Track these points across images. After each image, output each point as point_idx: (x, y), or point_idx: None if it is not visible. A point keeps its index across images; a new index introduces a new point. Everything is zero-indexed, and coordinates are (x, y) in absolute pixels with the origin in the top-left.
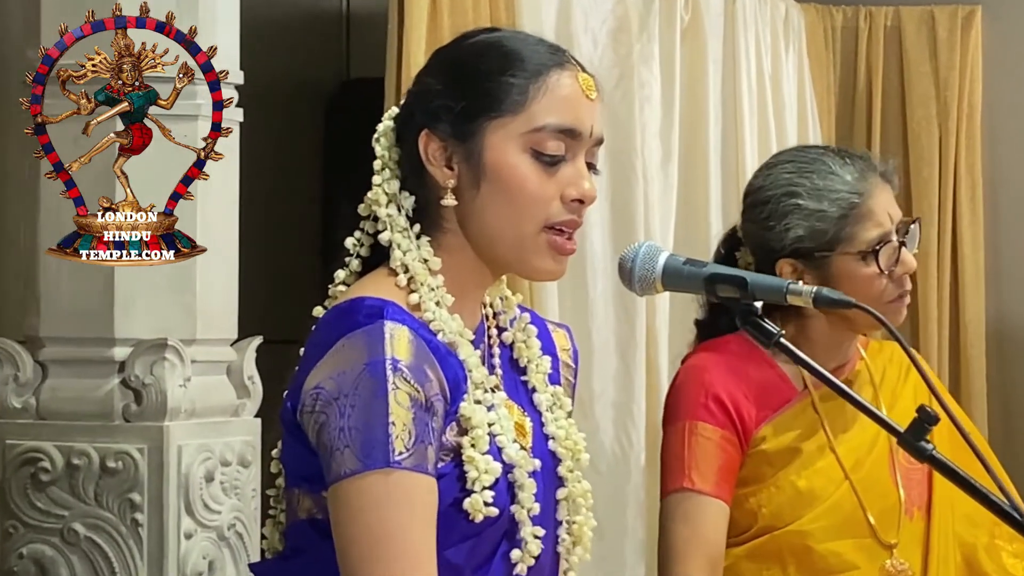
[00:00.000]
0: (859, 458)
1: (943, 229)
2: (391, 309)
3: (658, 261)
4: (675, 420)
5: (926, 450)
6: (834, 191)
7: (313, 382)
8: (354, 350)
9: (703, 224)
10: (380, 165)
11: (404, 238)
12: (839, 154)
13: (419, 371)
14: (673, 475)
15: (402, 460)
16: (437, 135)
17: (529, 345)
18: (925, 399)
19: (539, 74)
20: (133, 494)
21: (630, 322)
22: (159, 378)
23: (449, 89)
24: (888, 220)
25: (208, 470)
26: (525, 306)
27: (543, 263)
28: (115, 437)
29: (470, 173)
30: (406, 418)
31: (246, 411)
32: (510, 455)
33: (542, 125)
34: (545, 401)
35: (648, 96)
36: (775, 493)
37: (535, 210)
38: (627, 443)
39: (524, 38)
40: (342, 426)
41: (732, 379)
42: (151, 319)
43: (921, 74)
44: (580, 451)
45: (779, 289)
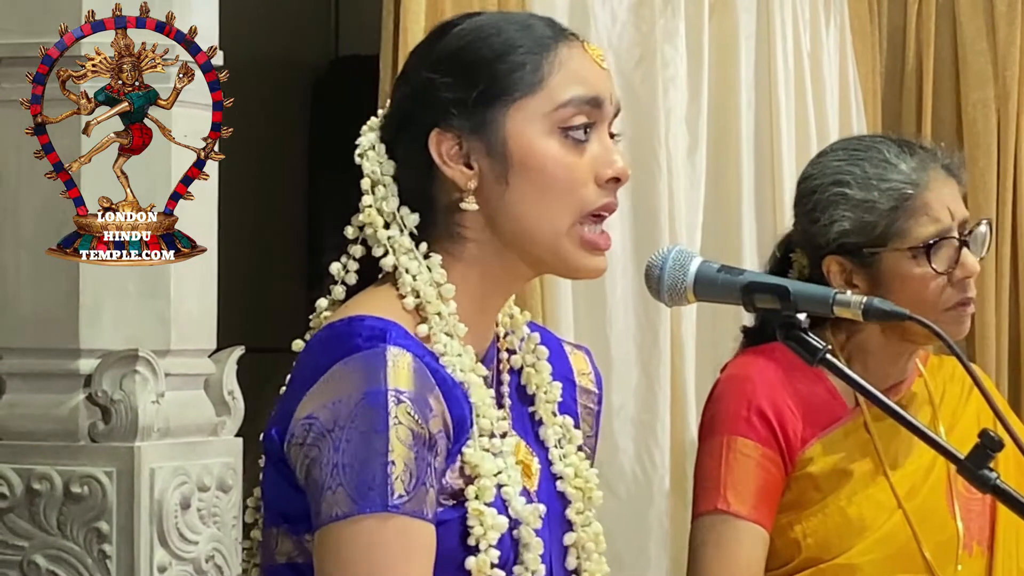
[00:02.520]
0: (914, 485)
1: (1002, 226)
2: (394, 332)
3: (689, 268)
4: (712, 434)
5: (989, 479)
6: (886, 180)
7: (304, 411)
8: (352, 377)
9: (734, 221)
10: (370, 183)
11: (411, 260)
12: (899, 143)
13: (422, 403)
14: (706, 495)
15: (401, 504)
16: (450, 132)
17: (538, 369)
18: (989, 422)
19: (548, 48)
20: (100, 523)
21: (653, 330)
22: (129, 393)
23: (455, 79)
24: (948, 216)
25: (184, 496)
26: (536, 323)
27: (583, 260)
28: (80, 459)
29: (495, 167)
30: (407, 457)
31: (226, 430)
32: (516, 509)
33: (567, 99)
34: (553, 435)
35: (673, 77)
36: (822, 520)
37: (571, 198)
38: (650, 464)
39: (515, 16)
40: (335, 462)
41: (778, 391)
42: (120, 328)
43: (977, 52)
44: (592, 490)
45: (825, 300)
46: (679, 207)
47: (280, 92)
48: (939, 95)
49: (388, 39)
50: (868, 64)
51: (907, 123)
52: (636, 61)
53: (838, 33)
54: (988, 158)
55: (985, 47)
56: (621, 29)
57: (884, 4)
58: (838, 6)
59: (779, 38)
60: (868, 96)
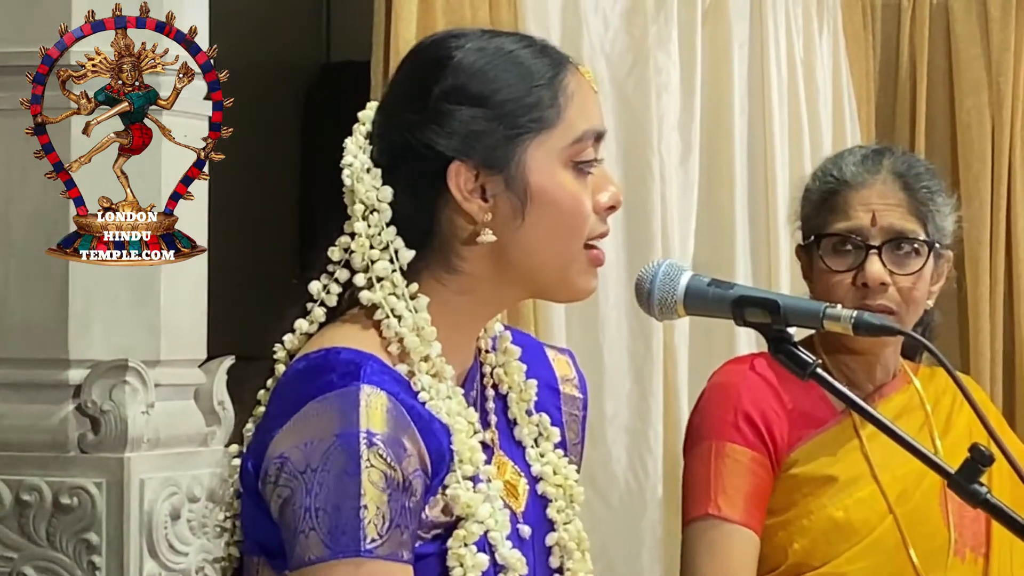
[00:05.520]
0: (906, 489)
1: (995, 231)
2: (370, 368)
3: (679, 282)
4: (700, 440)
5: (980, 494)
6: (822, 172)
7: (278, 449)
8: (325, 417)
9: (727, 228)
10: (364, 209)
11: (398, 300)
12: (866, 147)
13: (396, 445)
14: (696, 501)
15: (374, 548)
16: (467, 166)
17: (508, 370)
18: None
19: (558, 78)
20: (90, 534)
21: (645, 338)
22: (119, 404)
23: (477, 112)
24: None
25: (174, 507)
26: (522, 331)
27: (587, 282)
28: (69, 470)
29: (511, 202)
30: (380, 500)
31: (216, 440)
32: (503, 555)
33: (582, 133)
34: (528, 434)
35: (665, 84)
36: (808, 526)
37: (583, 228)
38: (642, 473)
39: (518, 39)
40: (308, 505)
41: (764, 395)
42: (110, 337)
43: (971, 57)
44: (572, 487)
45: (815, 314)
46: (672, 214)
47: (271, 98)
48: (933, 101)
49: (380, 45)
50: (862, 70)
51: (900, 129)
52: (629, 67)
53: (831, 39)
54: (982, 163)
55: (979, 52)
56: (614, 35)
57: (878, 10)
58: (831, 12)
59: (772, 44)
60: (862, 102)
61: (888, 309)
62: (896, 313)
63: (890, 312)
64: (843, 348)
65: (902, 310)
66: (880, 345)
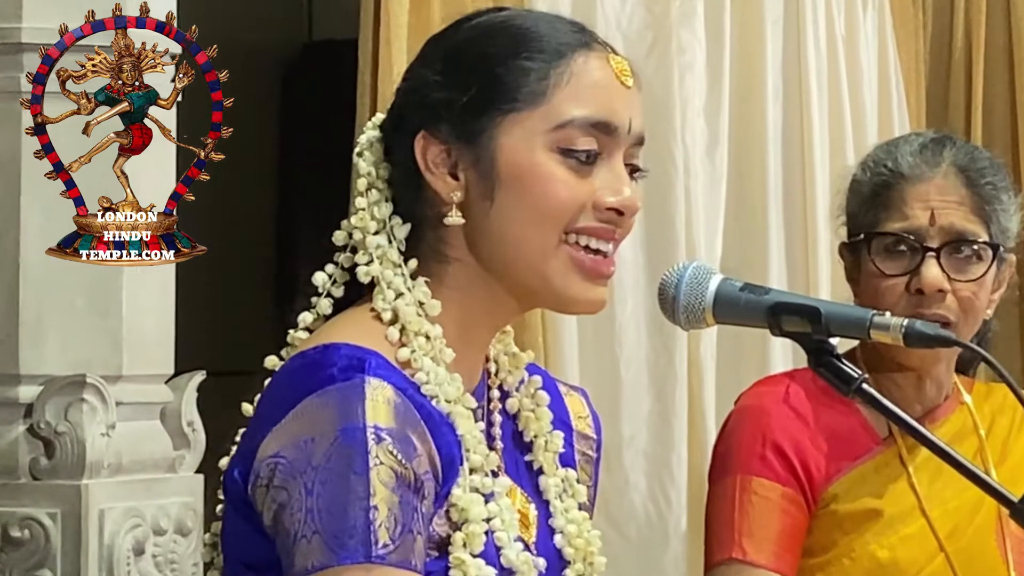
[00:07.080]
0: (958, 524)
1: None
2: (374, 361)
3: (708, 287)
4: (724, 474)
5: None
6: (874, 162)
7: (271, 449)
8: (325, 412)
9: (759, 226)
10: (366, 184)
11: (396, 276)
12: (923, 135)
13: (405, 441)
14: (720, 543)
15: (387, 554)
16: (438, 137)
17: (539, 416)
18: None
19: (561, 56)
20: (43, 571)
21: (667, 350)
22: (75, 424)
23: (449, 78)
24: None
25: (137, 540)
26: (537, 366)
27: (572, 287)
28: (20, 499)
29: (481, 181)
30: (391, 501)
31: (185, 465)
32: (510, 559)
33: (568, 119)
34: (554, 487)
35: (690, 65)
36: (849, 567)
37: (558, 216)
38: (664, 503)
39: (539, 16)
40: (309, 507)
41: (796, 423)
42: (66, 350)
43: None
44: (593, 554)
45: (861, 322)
46: (697, 211)
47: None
48: (990, 84)
49: (368, 23)
50: (911, 50)
51: (955, 117)
52: (649, 47)
53: (876, 15)
54: None
55: None
56: (631, 11)
57: None
58: None
59: (810, 21)
60: (911, 86)
61: (944, 319)
62: (953, 324)
63: (946, 323)
64: (891, 364)
65: (960, 321)
66: (932, 360)
